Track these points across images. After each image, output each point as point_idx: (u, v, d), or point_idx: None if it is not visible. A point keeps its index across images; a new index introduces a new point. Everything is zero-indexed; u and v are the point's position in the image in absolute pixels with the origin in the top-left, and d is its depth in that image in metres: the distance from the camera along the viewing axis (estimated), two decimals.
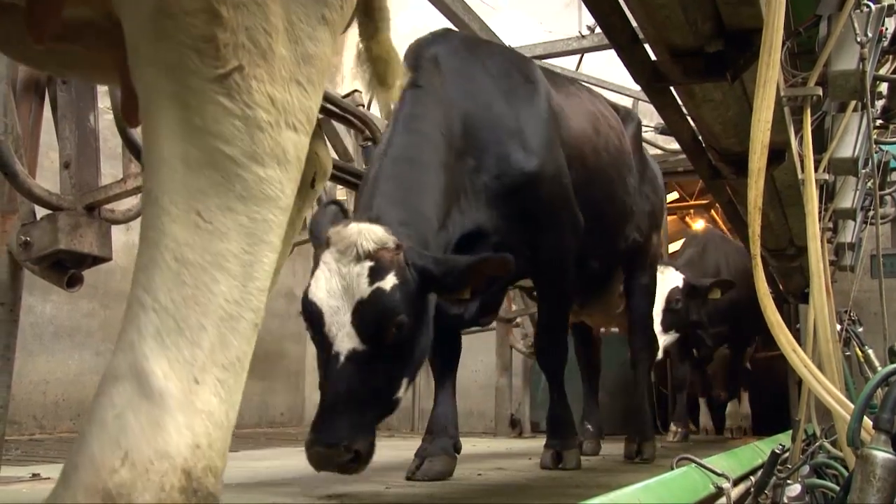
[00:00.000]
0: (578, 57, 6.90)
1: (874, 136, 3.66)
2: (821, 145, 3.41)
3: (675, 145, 6.18)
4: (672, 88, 2.72)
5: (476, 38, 4.14)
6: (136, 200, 3.07)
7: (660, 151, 6.97)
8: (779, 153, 3.18)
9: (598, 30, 5.80)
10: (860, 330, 4.51)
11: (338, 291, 2.41)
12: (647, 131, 5.30)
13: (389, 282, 2.42)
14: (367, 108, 4.47)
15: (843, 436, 2.30)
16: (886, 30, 2.83)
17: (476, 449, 4.98)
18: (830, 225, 4.34)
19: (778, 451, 2.80)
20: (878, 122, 3.96)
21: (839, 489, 2.44)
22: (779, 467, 2.85)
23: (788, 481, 2.77)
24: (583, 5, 2.37)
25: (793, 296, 6.45)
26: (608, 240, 4.05)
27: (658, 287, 5.25)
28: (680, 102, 2.89)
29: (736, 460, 3.43)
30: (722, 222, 10.03)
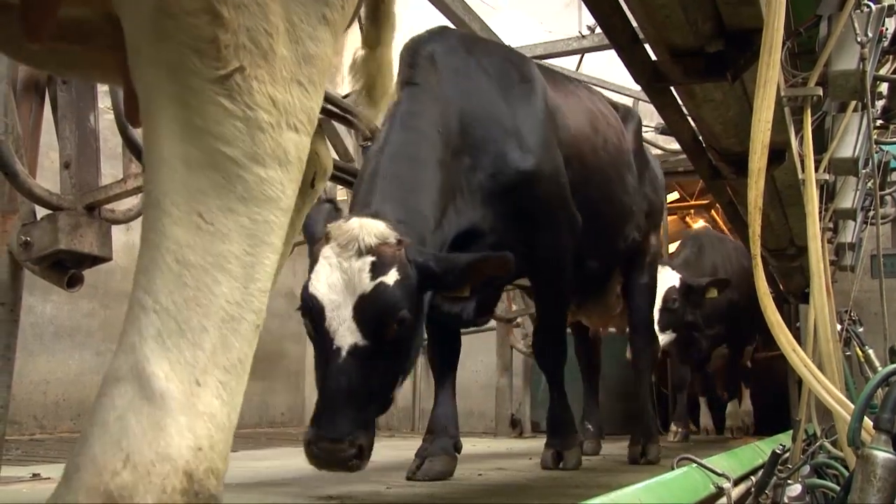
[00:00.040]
0: (579, 57, 6.89)
1: (874, 137, 3.66)
2: (821, 145, 3.41)
3: (675, 145, 6.18)
4: (672, 88, 2.72)
5: (473, 36, 4.11)
6: (137, 200, 3.07)
7: (660, 151, 6.96)
8: (779, 153, 3.17)
9: (598, 30, 5.79)
10: (860, 330, 4.50)
11: (339, 286, 2.37)
12: (647, 131, 5.30)
13: (392, 277, 2.39)
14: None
15: (843, 436, 2.30)
16: (887, 30, 2.83)
17: (476, 449, 4.98)
18: (831, 225, 4.35)
19: (778, 451, 2.80)
20: (879, 122, 3.97)
21: (840, 489, 2.44)
22: (779, 467, 2.85)
23: (789, 481, 2.77)
24: (583, 5, 2.37)
25: (793, 296, 6.45)
26: (606, 239, 4.03)
27: None
28: (680, 102, 2.89)
29: (736, 460, 3.43)
30: (722, 222, 10.03)
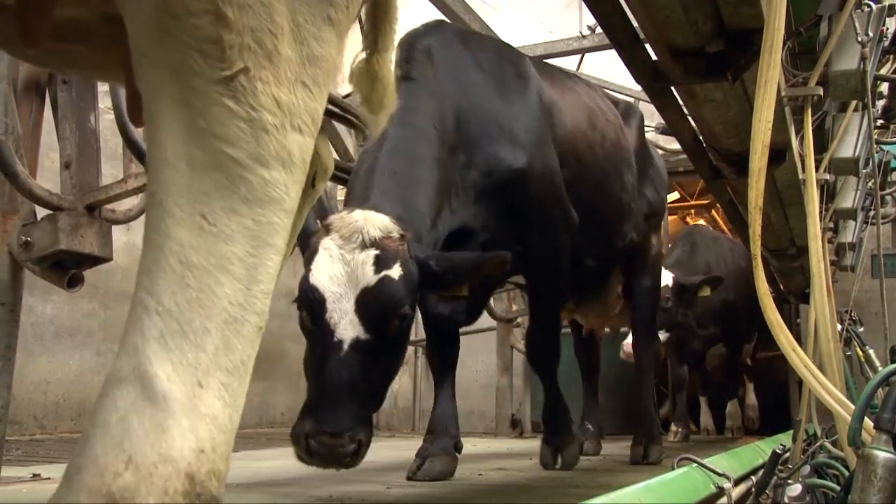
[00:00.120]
0: (579, 57, 6.90)
1: (875, 136, 3.66)
2: (821, 145, 3.40)
3: (675, 145, 6.19)
4: (673, 88, 2.72)
5: (469, 31, 4.06)
6: (137, 200, 3.07)
7: (661, 151, 6.96)
8: (779, 153, 3.17)
9: (598, 30, 5.80)
10: (861, 330, 4.51)
11: (341, 278, 2.33)
12: (647, 131, 5.29)
13: (396, 271, 2.36)
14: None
15: (843, 436, 2.30)
16: (887, 29, 2.83)
17: (477, 449, 4.98)
18: (831, 225, 4.34)
19: (779, 451, 2.80)
20: (879, 122, 3.96)
21: (840, 489, 2.44)
22: (780, 467, 2.85)
23: (789, 481, 2.77)
24: (583, 5, 2.37)
25: (794, 296, 6.44)
26: (604, 238, 3.99)
27: None
28: (681, 102, 2.88)
29: (737, 460, 3.43)
30: (723, 222, 10.03)
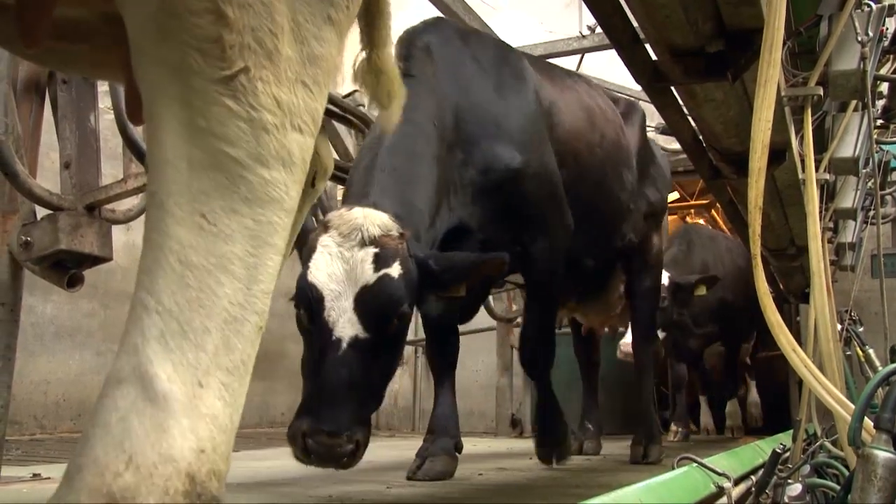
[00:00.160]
0: (579, 57, 6.90)
1: (875, 136, 3.66)
2: (821, 145, 3.40)
3: (675, 145, 6.17)
4: (673, 88, 2.71)
5: (468, 29, 4.05)
6: (137, 200, 3.07)
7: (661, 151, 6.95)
8: (779, 153, 3.17)
9: (598, 30, 5.80)
10: (861, 329, 4.50)
11: (340, 275, 2.31)
12: (648, 131, 5.28)
13: (396, 270, 2.34)
14: (368, 109, 4.47)
15: (843, 435, 2.30)
16: (887, 29, 2.83)
17: (477, 449, 4.98)
18: (831, 225, 4.35)
19: (779, 451, 2.80)
20: (879, 121, 3.96)
21: (840, 489, 2.44)
22: (780, 467, 2.85)
23: (789, 481, 2.77)
24: (583, 5, 2.37)
25: (793, 295, 6.44)
26: (603, 238, 3.98)
27: None
28: (681, 102, 2.88)
29: (737, 460, 3.43)
30: (722, 222, 10.03)
